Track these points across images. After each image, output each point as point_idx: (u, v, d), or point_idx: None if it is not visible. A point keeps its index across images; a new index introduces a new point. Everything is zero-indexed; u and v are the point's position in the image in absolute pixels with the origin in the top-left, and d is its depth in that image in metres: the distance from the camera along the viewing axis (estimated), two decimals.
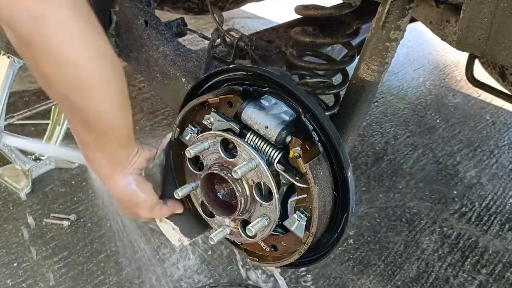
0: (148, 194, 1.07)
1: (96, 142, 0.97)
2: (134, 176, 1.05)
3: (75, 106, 0.89)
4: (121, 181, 1.04)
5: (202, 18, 3.64)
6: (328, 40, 1.45)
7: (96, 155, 1.00)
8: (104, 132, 0.95)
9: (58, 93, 0.87)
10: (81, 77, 0.83)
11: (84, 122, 0.93)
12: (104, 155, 1.00)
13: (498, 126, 2.92)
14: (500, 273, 1.94)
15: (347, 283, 1.85)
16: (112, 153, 1.00)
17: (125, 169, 1.04)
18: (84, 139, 0.98)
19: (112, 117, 0.93)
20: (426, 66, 3.63)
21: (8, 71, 1.97)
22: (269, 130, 0.98)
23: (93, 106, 0.89)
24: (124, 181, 1.04)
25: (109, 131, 0.95)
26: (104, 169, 1.03)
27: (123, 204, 1.09)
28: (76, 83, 0.84)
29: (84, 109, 0.89)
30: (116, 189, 1.05)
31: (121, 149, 1.01)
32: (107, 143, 0.98)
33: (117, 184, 1.04)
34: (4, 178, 2.18)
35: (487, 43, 0.98)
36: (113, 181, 1.04)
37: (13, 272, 1.78)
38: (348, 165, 0.99)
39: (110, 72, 0.88)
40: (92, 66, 0.84)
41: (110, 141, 0.98)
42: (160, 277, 1.80)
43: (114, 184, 1.04)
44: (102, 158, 1.00)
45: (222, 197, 1.11)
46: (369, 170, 2.46)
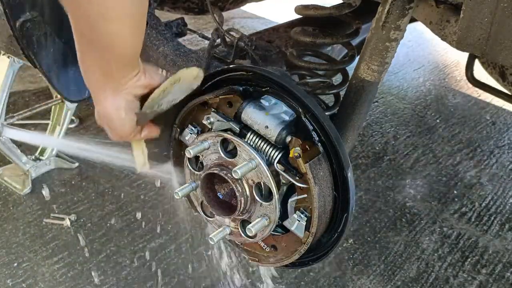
0: (128, 123, 1.02)
1: (97, 53, 0.92)
2: (123, 100, 0.99)
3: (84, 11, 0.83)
4: (108, 100, 0.98)
5: (202, 18, 3.64)
6: (328, 40, 1.45)
7: (91, 64, 0.95)
8: (105, 46, 0.90)
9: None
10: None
11: (89, 29, 0.87)
12: (100, 68, 0.94)
13: (498, 126, 2.92)
14: (500, 273, 1.94)
15: (347, 283, 1.85)
16: (109, 68, 0.94)
17: (117, 89, 0.98)
18: (84, 46, 0.92)
19: (119, 34, 0.88)
20: (426, 66, 3.63)
21: (8, 71, 1.97)
22: (269, 130, 0.98)
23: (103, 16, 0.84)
24: (111, 101, 0.99)
25: (111, 47, 0.90)
26: (95, 81, 0.97)
27: (101, 118, 1.03)
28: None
29: (92, 17, 0.84)
30: (100, 104, 1.00)
31: (120, 68, 0.96)
32: (108, 58, 0.92)
33: (103, 100, 0.99)
34: (4, 178, 2.18)
35: (487, 43, 0.98)
36: (101, 96, 0.99)
37: (13, 272, 1.78)
38: (348, 165, 0.99)
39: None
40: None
41: (111, 56, 0.92)
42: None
43: (100, 98, 0.99)
44: (96, 69, 0.95)
45: (222, 197, 1.11)
46: (369, 170, 2.46)
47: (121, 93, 0.98)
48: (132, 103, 1.01)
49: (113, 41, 0.88)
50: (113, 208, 2.09)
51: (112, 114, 1.00)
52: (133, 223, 2.03)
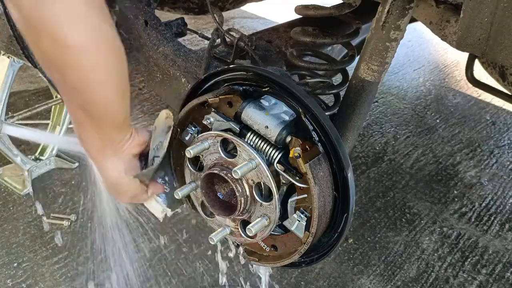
0: (133, 183, 1.07)
1: (90, 123, 0.96)
2: (124, 162, 1.04)
3: (72, 87, 0.87)
4: (110, 165, 1.03)
5: (202, 18, 3.64)
6: (328, 40, 1.45)
7: (89, 135, 0.98)
8: (98, 115, 0.94)
9: (55, 71, 0.85)
10: (80, 60, 0.82)
11: (80, 103, 0.91)
12: (97, 136, 0.98)
13: (498, 126, 2.92)
14: (500, 273, 1.94)
15: (347, 283, 1.85)
16: (105, 135, 0.99)
17: (116, 153, 1.02)
18: (78, 118, 0.96)
19: (109, 102, 0.92)
20: (426, 66, 3.63)
21: (8, 71, 1.97)
22: (269, 130, 0.98)
23: (90, 90, 0.87)
24: (112, 165, 1.03)
25: (104, 115, 0.94)
26: (95, 150, 1.01)
27: (109, 186, 1.09)
28: (74, 64, 0.82)
29: (80, 92, 0.88)
30: (104, 171, 1.04)
31: (115, 133, 1.00)
32: (101, 126, 0.97)
33: (106, 166, 1.03)
34: (4, 178, 2.18)
35: (487, 43, 0.98)
36: (102, 163, 1.03)
37: (13, 272, 1.78)
38: (348, 165, 0.99)
39: (111, 58, 0.87)
40: (92, 50, 0.82)
41: (104, 124, 0.96)
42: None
43: (102, 166, 1.03)
44: (94, 139, 0.99)
45: (222, 197, 1.11)
46: (369, 170, 2.46)
47: (121, 156, 1.03)
48: (132, 162, 1.06)
49: (104, 108, 0.93)
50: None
51: (117, 177, 1.04)
52: (133, 223, 2.03)
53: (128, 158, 1.05)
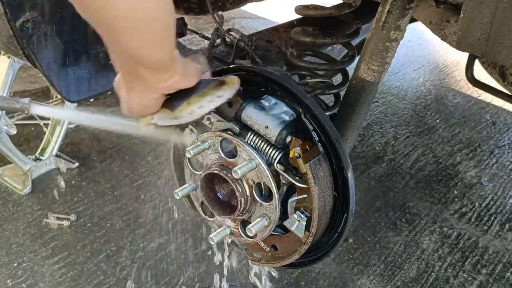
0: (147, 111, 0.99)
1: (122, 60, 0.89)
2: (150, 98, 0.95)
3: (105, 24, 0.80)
4: (135, 92, 0.94)
5: (202, 18, 3.64)
6: (328, 40, 1.45)
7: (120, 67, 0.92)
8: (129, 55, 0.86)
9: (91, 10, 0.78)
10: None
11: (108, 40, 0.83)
12: (128, 71, 0.91)
13: (498, 126, 2.92)
14: (500, 273, 1.94)
15: (347, 283, 1.85)
16: (137, 73, 0.90)
17: (146, 89, 0.94)
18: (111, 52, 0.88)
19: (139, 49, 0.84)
20: (426, 66, 3.63)
21: (8, 71, 1.97)
22: (269, 130, 0.98)
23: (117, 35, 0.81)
24: (137, 94, 0.95)
25: (137, 55, 0.86)
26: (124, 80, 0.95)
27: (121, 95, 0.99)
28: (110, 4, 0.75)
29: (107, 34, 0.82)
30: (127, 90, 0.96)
31: (149, 73, 0.90)
32: (133, 65, 0.89)
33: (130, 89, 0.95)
34: (4, 178, 2.18)
35: (487, 43, 0.98)
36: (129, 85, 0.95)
37: (13, 272, 1.78)
38: (348, 165, 0.99)
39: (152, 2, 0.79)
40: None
41: (136, 64, 0.88)
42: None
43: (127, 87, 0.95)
44: (125, 71, 0.92)
45: (222, 197, 1.11)
46: (369, 170, 2.46)
47: (151, 91, 0.94)
48: (159, 99, 0.97)
49: (131, 51, 0.85)
50: (113, 208, 2.09)
51: (135, 103, 0.97)
52: (133, 223, 2.03)
53: (158, 95, 0.96)
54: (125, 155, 2.41)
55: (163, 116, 1.00)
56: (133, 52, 0.85)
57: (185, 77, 0.96)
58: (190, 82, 0.97)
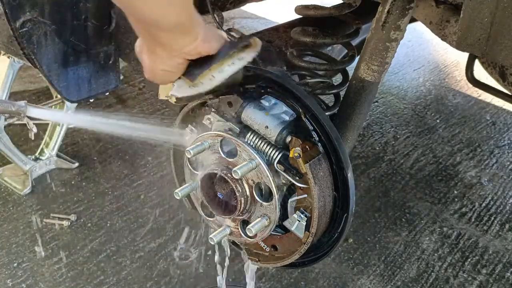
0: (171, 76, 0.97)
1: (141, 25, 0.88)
2: (173, 62, 0.93)
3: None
4: (158, 57, 0.93)
5: (202, 18, 3.64)
6: (328, 40, 1.45)
7: (141, 32, 0.91)
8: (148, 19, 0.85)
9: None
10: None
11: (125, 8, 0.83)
12: (149, 36, 0.90)
13: (498, 126, 2.92)
14: (500, 273, 1.94)
15: (347, 283, 1.85)
16: (158, 37, 0.89)
17: (169, 54, 0.92)
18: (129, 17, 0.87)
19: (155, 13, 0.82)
20: (426, 66, 3.63)
21: (8, 71, 1.97)
22: (269, 130, 0.98)
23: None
24: (160, 59, 0.93)
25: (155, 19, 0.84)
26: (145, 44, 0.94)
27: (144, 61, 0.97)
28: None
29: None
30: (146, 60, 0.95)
31: (170, 37, 0.89)
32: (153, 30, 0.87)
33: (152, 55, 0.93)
34: (4, 178, 2.18)
35: (487, 43, 0.98)
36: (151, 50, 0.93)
37: (13, 273, 1.78)
38: (348, 165, 0.99)
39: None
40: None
41: (156, 29, 0.87)
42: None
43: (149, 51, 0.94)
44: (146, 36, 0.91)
45: (222, 197, 1.11)
46: (369, 170, 2.46)
47: (173, 56, 0.92)
48: (182, 64, 0.95)
49: (148, 16, 0.83)
50: (113, 208, 2.09)
51: (158, 67, 0.95)
52: (133, 223, 2.03)
53: (180, 60, 0.94)
54: (125, 155, 2.41)
55: (182, 85, 0.97)
56: (148, 17, 0.83)
57: (207, 42, 0.93)
58: (212, 47, 0.95)
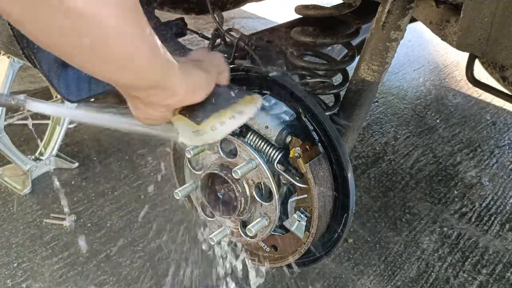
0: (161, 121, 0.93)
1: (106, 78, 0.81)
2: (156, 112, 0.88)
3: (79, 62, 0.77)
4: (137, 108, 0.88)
5: (202, 18, 3.64)
6: (328, 40, 1.45)
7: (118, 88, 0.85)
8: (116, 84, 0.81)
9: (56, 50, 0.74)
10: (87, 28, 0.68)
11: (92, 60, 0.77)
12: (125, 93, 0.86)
13: (499, 126, 2.92)
14: (501, 273, 1.94)
15: (347, 283, 1.85)
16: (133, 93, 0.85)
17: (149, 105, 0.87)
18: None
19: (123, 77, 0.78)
20: (426, 66, 3.63)
21: (8, 71, 1.97)
22: (269, 130, 0.98)
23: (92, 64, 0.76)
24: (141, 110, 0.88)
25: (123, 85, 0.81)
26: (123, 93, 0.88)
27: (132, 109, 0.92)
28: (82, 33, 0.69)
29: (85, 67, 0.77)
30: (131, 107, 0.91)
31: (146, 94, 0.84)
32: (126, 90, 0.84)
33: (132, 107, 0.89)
34: (4, 178, 2.18)
35: (487, 43, 0.98)
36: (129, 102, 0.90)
37: (13, 273, 1.78)
38: (348, 165, 0.99)
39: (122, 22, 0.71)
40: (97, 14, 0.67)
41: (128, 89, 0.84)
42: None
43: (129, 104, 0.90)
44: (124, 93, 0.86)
45: (222, 197, 1.11)
46: (369, 170, 2.46)
47: (154, 108, 0.87)
48: (166, 113, 0.90)
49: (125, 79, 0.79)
50: (113, 208, 2.09)
51: (145, 117, 0.91)
52: (133, 223, 2.03)
53: (162, 110, 0.87)
54: (125, 155, 2.41)
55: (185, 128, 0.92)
56: (121, 82, 0.79)
57: (192, 93, 0.88)
58: (198, 97, 0.89)
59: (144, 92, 0.84)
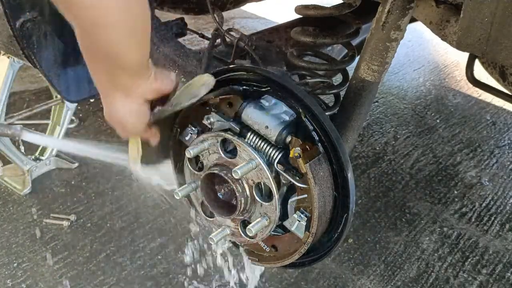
0: (139, 125, 1.03)
1: (100, 62, 0.91)
2: (134, 104, 0.99)
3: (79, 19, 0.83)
4: (118, 103, 0.98)
5: (202, 18, 3.64)
6: (328, 40, 1.45)
7: (98, 71, 0.94)
8: (107, 55, 0.89)
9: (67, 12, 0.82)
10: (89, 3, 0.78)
11: (87, 38, 0.86)
12: (107, 75, 0.94)
13: (499, 126, 2.92)
14: (501, 273, 1.94)
15: (347, 283, 1.85)
16: (115, 76, 0.94)
17: (127, 94, 0.97)
18: (87, 53, 0.91)
19: (118, 42, 0.86)
20: (426, 66, 3.63)
21: (8, 71, 1.97)
22: (269, 130, 0.98)
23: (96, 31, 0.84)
24: (121, 104, 0.98)
25: (114, 55, 0.89)
26: (105, 87, 0.97)
27: (111, 118, 1.02)
28: (82, 6, 0.79)
29: (91, 31, 0.84)
30: (110, 106, 0.99)
31: (127, 75, 0.94)
32: (111, 66, 0.92)
33: (113, 103, 0.98)
34: (4, 178, 2.17)
35: (487, 43, 0.98)
36: (110, 99, 0.98)
37: (13, 273, 1.78)
38: (348, 165, 0.99)
39: (123, 4, 0.82)
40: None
41: (114, 65, 0.91)
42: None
43: (110, 101, 0.99)
44: (104, 76, 0.95)
45: (222, 197, 1.11)
46: (369, 170, 2.46)
47: (132, 98, 0.98)
48: (142, 106, 1.00)
49: (112, 50, 0.87)
50: (113, 208, 2.09)
51: (123, 117, 1.00)
52: (133, 223, 2.03)
53: (140, 101, 0.99)
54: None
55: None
56: (115, 49, 0.87)
57: (159, 79, 1.00)
58: (165, 85, 1.01)
59: (127, 75, 0.93)
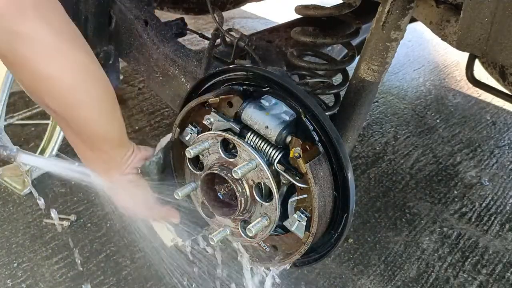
0: (144, 191, 1.09)
1: (86, 144, 0.99)
2: (130, 176, 1.07)
3: (58, 114, 0.92)
4: (117, 180, 1.06)
5: (202, 18, 3.64)
6: (328, 40, 1.45)
7: (90, 155, 1.02)
8: (90, 137, 0.97)
9: (39, 101, 0.91)
10: (56, 89, 0.86)
11: (70, 127, 0.95)
12: (97, 156, 1.01)
13: (499, 126, 2.92)
14: (501, 273, 1.94)
15: (347, 283, 1.85)
16: (104, 154, 1.01)
17: (121, 169, 1.05)
18: (74, 141, 1.00)
19: (96, 124, 0.95)
20: (426, 66, 3.63)
21: (8, 71, 1.97)
22: (269, 130, 0.98)
23: (73, 115, 0.91)
24: (119, 179, 1.06)
25: (95, 136, 0.97)
26: (99, 168, 1.05)
27: (121, 202, 1.11)
28: (52, 94, 0.86)
29: (66, 118, 0.92)
30: (112, 188, 1.07)
31: (113, 150, 1.03)
32: (97, 146, 1.00)
33: (113, 183, 1.06)
34: (4, 178, 2.17)
35: (487, 43, 0.98)
36: (110, 179, 1.06)
37: (13, 273, 1.78)
38: (348, 165, 0.99)
39: (89, 83, 0.90)
40: (66, 78, 0.85)
41: (99, 144, 0.99)
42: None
43: (108, 179, 1.07)
44: (95, 158, 1.02)
45: (222, 197, 1.11)
46: (369, 170, 2.46)
47: (125, 171, 1.07)
48: (135, 174, 1.09)
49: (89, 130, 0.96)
50: (113, 208, 2.09)
51: (123, 189, 1.09)
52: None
53: (133, 172, 1.08)
54: None
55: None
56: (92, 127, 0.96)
57: (143, 149, 1.11)
58: (148, 152, 1.12)
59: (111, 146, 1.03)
